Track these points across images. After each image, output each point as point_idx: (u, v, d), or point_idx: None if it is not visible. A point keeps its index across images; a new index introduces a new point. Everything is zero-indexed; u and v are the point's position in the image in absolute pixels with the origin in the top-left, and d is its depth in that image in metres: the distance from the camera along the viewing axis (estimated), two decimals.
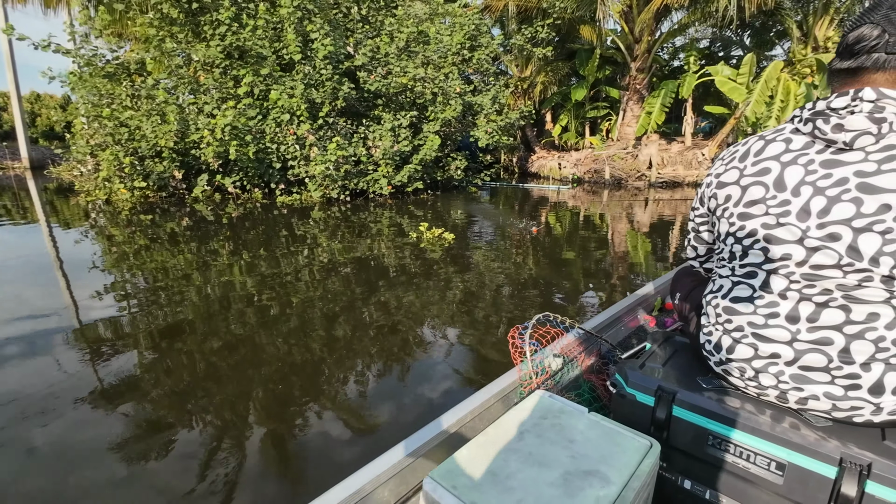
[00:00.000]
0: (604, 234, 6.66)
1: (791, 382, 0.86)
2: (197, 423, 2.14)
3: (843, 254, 0.77)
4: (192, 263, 4.86)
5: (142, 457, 1.90)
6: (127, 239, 6.07)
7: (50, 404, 2.24)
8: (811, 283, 0.82)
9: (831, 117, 0.79)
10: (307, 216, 7.65)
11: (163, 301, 3.64)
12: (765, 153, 0.88)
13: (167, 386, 2.41)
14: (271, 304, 3.59)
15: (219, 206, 8.62)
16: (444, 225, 6.01)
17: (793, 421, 0.88)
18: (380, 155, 8.95)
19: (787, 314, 0.85)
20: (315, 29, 8.59)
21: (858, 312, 0.79)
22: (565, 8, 11.67)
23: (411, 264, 4.77)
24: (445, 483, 0.81)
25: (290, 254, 5.19)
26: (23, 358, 2.72)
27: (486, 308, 3.56)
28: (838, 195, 0.77)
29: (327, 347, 2.89)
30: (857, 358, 0.80)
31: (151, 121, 8.47)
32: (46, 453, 1.91)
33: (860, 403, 0.81)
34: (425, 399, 2.33)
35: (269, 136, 8.54)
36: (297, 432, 2.09)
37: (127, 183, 9.01)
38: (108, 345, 2.89)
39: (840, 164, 0.78)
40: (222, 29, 8.44)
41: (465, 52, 9.97)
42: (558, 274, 4.52)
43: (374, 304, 3.62)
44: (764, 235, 0.86)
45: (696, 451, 0.97)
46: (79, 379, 2.48)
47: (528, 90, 15.56)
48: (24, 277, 4.34)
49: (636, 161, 12.69)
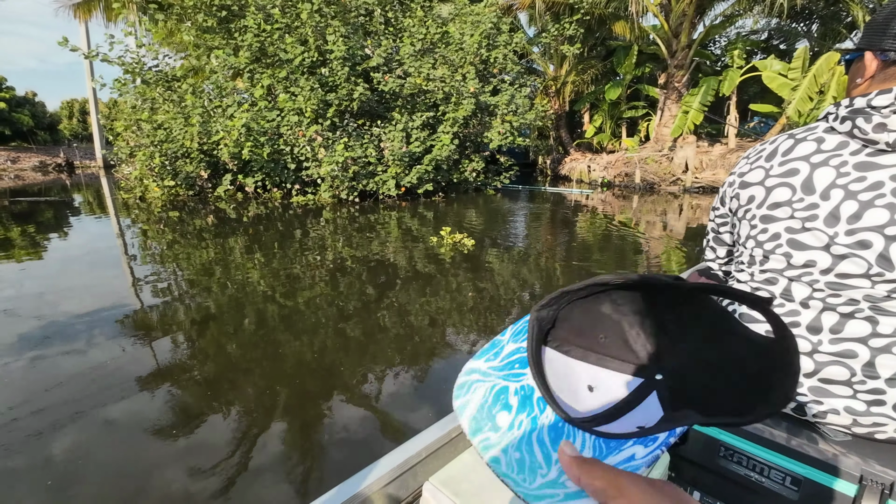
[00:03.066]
0: (608, 244, 6.23)
1: (810, 395, 0.82)
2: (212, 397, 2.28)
3: (874, 263, 0.73)
4: (205, 256, 5.17)
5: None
6: (156, 233, 6.57)
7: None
8: (836, 293, 0.78)
9: (873, 115, 0.72)
10: (318, 216, 7.81)
11: (177, 289, 4.02)
12: (794, 153, 0.82)
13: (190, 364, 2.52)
14: (263, 303, 3.66)
15: (241, 205, 9.03)
16: (445, 227, 5.89)
17: (810, 435, 0.83)
18: (389, 156, 8.97)
19: (809, 324, 0.81)
20: (331, 32, 8.77)
21: (886, 325, 0.75)
22: (595, 3, 11.11)
23: (424, 268, 4.70)
24: (446, 489, 0.79)
25: (292, 254, 5.28)
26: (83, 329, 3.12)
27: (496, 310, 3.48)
28: (871, 200, 0.72)
29: (334, 346, 2.96)
30: (882, 373, 0.76)
31: (178, 122, 9.03)
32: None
33: (883, 420, 0.77)
34: (436, 400, 2.33)
35: (284, 138, 8.82)
36: (300, 423, 2.12)
37: (158, 182, 9.68)
38: (149, 331, 3.12)
39: (876, 166, 0.73)
40: (248, 36, 8.83)
41: (482, 52, 9.75)
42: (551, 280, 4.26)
43: (378, 306, 3.65)
44: (787, 240, 0.82)
45: (706, 462, 0.94)
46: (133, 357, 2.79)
47: (560, 90, 15.02)
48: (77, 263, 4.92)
49: (671, 164, 11.84)
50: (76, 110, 35.08)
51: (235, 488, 1.72)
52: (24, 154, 21.89)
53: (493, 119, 9.94)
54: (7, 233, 6.55)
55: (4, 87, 22.27)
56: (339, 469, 1.83)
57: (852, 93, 0.82)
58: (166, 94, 9.63)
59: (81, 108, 33.58)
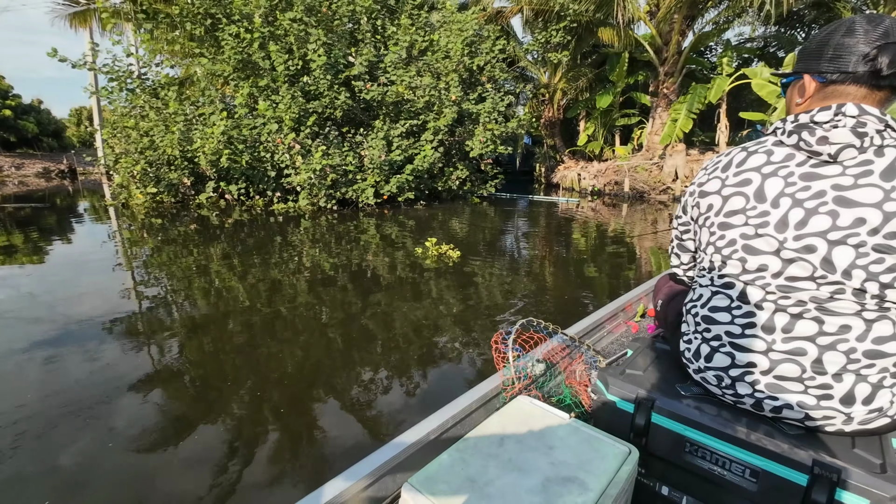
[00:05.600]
0: (584, 259, 6.09)
1: (766, 391, 0.88)
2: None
3: (818, 266, 0.79)
4: (176, 266, 5.09)
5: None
6: (138, 239, 6.64)
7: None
8: (786, 295, 0.84)
9: (816, 129, 0.80)
10: (297, 224, 7.76)
11: (143, 298, 3.80)
12: (746, 164, 0.89)
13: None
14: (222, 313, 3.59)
15: (223, 212, 9.03)
16: (427, 236, 5.80)
17: (767, 429, 0.88)
18: (368, 164, 8.92)
19: (763, 324, 0.87)
20: (313, 40, 8.79)
21: (831, 324, 0.81)
22: (581, 11, 11.03)
23: (402, 280, 4.60)
24: (424, 489, 0.82)
25: (267, 263, 5.22)
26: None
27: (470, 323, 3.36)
28: (816, 207, 0.79)
29: (309, 355, 2.91)
30: (829, 368, 0.82)
31: (158, 130, 9.09)
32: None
33: (832, 413, 0.83)
34: (413, 403, 2.33)
35: (263, 146, 8.82)
36: (276, 429, 2.10)
37: (141, 188, 9.74)
38: (139, 337, 3.02)
39: (819, 177, 0.80)
40: (227, 47, 8.87)
41: (465, 60, 9.71)
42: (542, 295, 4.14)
43: (349, 313, 3.60)
44: (742, 245, 0.88)
45: (673, 458, 0.98)
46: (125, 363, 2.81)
47: (552, 97, 14.93)
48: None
49: (661, 173, 11.66)
50: (84, 118, 35.79)
51: (211, 495, 1.69)
52: (29, 160, 22.26)
53: (476, 127, 9.87)
54: None
55: (11, 96, 22.73)
56: (318, 472, 1.83)
57: (794, 110, 0.90)
58: (151, 102, 9.72)
59: (89, 115, 34.24)
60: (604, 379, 1.10)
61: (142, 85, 10.02)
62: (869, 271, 0.76)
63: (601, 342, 1.91)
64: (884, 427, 0.84)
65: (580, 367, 1.63)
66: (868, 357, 0.80)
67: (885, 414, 0.83)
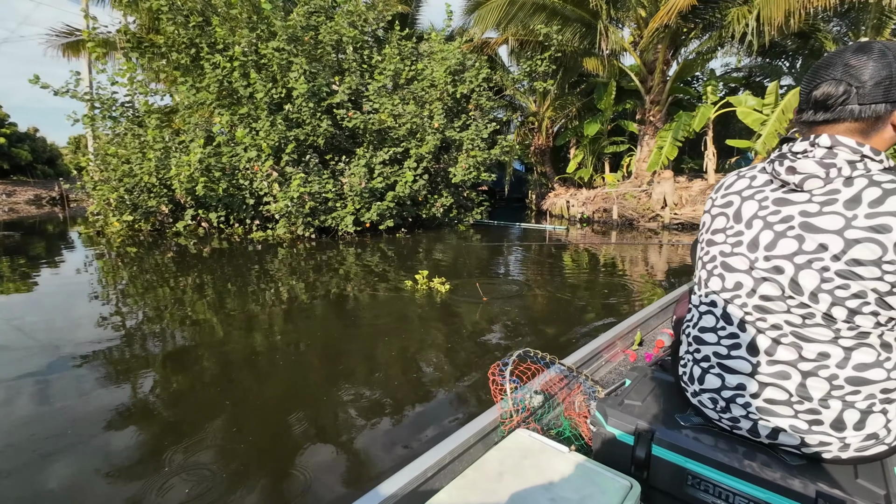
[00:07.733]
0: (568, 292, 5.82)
1: (759, 414, 0.88)
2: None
3: (787, 286, 0.81)
4: (148, 295, 4.79)
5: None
6: (110, 269, 6.42)
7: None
8: (762, 317, 0.85)
9: (786, 159, 0.84)
10: (275, 253, 7.53)
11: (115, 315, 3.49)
12: (732, 187, 0.95)
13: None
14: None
15: (201, 241, 8.80)
16: (408, 265, 5.53)
17: (767, 459, 0.87)
18: (348, 191, 8.76)
19: (748, 345, 0.88)
20: (295, 69, 8.78)
21: (809, 350, 0.81)
22: (564, 41, 11.12)
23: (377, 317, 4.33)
24: None
25: (243, 293, 5.01)
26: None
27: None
28: (784, 231, 0.83)
29: (289, 389, 2.77)
30: (814, 394, 0.82)
31: (136, 157, 8.97)
32: None
33: (827, 439, 0.82)
34: (409, 437, 2.25)
35: (241, 174, 8.68)
36: (252, 465, 2.01)
37: (117, 216, 9.54)
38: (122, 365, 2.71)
39: (789, 202, 0.84)
40: (207, 76, 8.86)
41: (448, 88, 9.69)
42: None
43: (324, 348, 3.43)
44: (721, 262, 0.92)
45: (675, 492, 0.96)
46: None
47: (541, 125, 14.98)
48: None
49: (650, 200, 11.52)
50: (82, 145, 36.09)
51: None
52: (21, 188, 22.23)
53: (459, 154, 9.77)
54: None
55: (7, 124, 22.91)
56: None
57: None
58: (134, 129, 9.64)
59: (87, 143, 34.56)
60: (602, 410, 1.08)
61: (125, 113, 9.97)
62: (835, 296, 0.76)
63: (599, 372, 1.89)
64: (883, 453, 0.83)
65: (579, 397, 1.60)
66: (852, 384, 0.79)
67: (883, 441, 0.82)
